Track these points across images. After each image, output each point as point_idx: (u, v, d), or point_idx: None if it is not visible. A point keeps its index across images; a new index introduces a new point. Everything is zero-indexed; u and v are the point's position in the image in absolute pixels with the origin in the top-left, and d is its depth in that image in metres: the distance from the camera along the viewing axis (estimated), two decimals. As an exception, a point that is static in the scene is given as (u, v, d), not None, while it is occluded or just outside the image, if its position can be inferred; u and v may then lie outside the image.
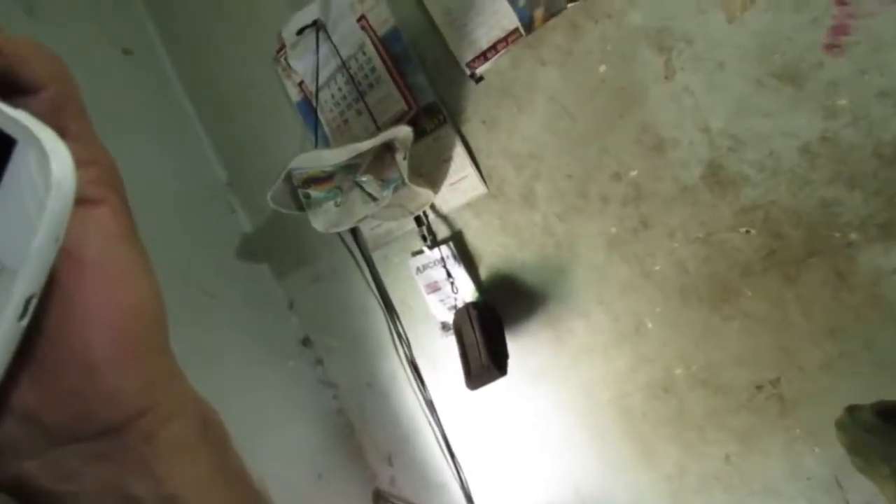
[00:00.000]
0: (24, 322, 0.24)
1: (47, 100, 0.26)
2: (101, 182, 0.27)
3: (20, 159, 0.23)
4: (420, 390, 1.62)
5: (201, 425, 0.31)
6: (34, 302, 0.24)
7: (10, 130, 0.23)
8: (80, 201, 0.25)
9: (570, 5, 1.13)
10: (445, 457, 1.63)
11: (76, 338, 0.26)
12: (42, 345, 0.25)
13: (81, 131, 0.28)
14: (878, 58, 0.92)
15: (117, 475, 0.27)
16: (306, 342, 1.84)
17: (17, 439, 0.26)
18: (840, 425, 0.87)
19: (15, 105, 0.24)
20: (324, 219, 1.33)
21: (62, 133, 0.25)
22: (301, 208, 1.35)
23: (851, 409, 0.87)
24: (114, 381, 0.26)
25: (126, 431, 0.27)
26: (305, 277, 1.78)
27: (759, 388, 1.16)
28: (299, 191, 1.31)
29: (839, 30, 0.94)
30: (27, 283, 0.23)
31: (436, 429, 1.62)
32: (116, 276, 0.27)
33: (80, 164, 0.25)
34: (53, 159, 0.23)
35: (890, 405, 0.83)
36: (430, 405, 1.62)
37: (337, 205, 1.31)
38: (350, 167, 1.30)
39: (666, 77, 1.09)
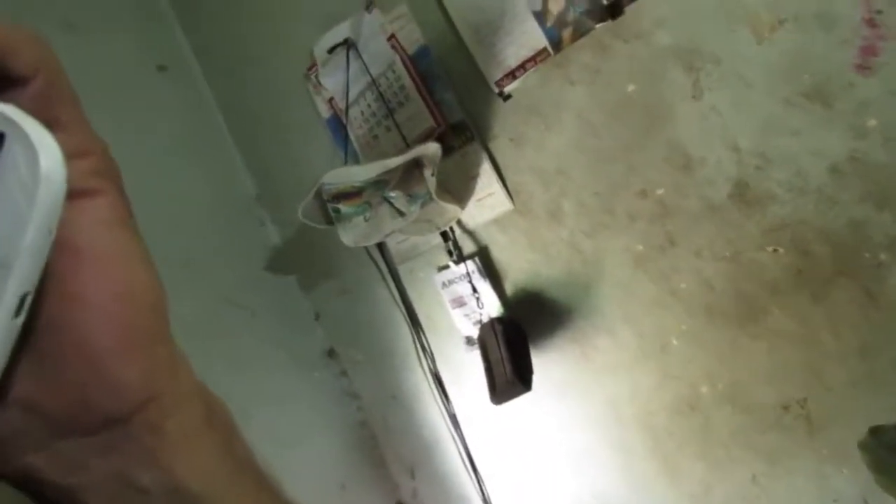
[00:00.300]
0: (20, 319, 0.24)
1: (36, 90, 0.25)
2: (95, 172, 0.27)
3: (8, 154, 0.23)
4: (443, 404, 1.63)
5: (206, 414, 0.31)
6: (29, 299, 0.24)
7: None
8: (76, 193, 0.25)
9: (598, 26, 1.15)
10: (468, 470, 1.63)
11: (76, 328, 0.25)
12: (42, 336, 0.25)
13: (73, 121, 0.27)
14: (907, 79, 0.92)
15: (124, 466, 0.27)
16: (331, 354, 1.86)
17: (22, 432, 0.26)
18: (863, 446, 0.87)
19: (3, 97, 0.24)
20: (353, 233, 1.35)
21: (53, 123, 0.25)
22: (330, 222, 1.37)
23: (875, 430, 0.87)
24: (116, 372, 0.26)
25: (131, 422, 0.27)
26: (332, 290, 1.80)
27: (786, 407, 1.15)
28: (329, 205, 1.34)
29: (869, 50, 0.94)
30: (20, 279, 0.23)
31: (458, 442, 1.63)
32: (114, 265, 0.27)
33: (73, 154, 0.25)
34: (42, 153, 0.23)
35: None
36: (454, 419, 1.63)
37: (366, 220, 1.33)
38: (379, 183, 1.32)
39: (694, 96, 1.10)
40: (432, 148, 1.29)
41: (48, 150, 0.23)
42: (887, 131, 0.96)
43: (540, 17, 1.20)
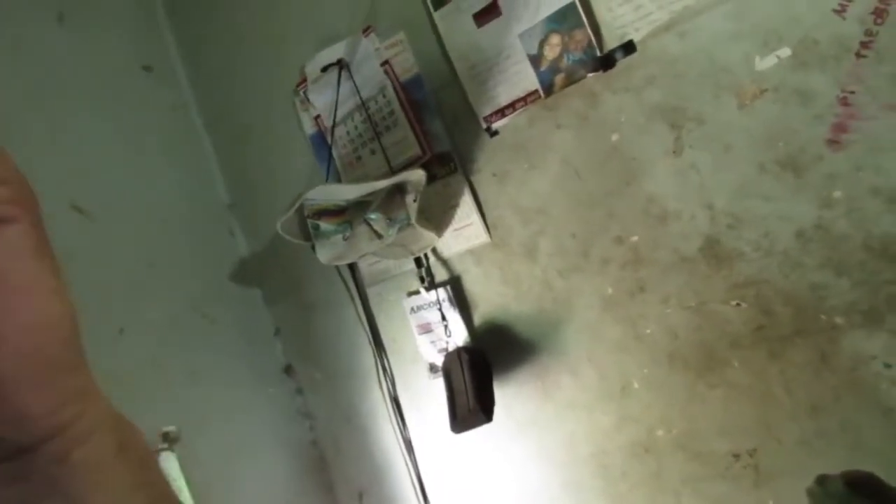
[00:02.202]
0: None
1: None
2: (10, 201, 0.27)
3: None
4: (400, 429, 1.63)
5: (118, 445, 0.30)
6: None
7: None
8: None
9: (590, 75, 1.20)
10: (418, 498, 1.63)
11: None
12: None
13: None
14: (874, 157, 0.99)
15: (29, 496, 0.27)
16: (288, 370, 1.84)
17: None
18: (811, 493, 0.91)
19: None
20: (330, 251, 1.36)
21: None
22: (308, 238, 1.38)
23: (822, 479, 0.90)
24: (21, 403, 0.26)
25: (37, 453, 0.27)
26: (296, 306, 1.79)
27: (736, 456, 1.20)
28: (309, 221, 1.34)
29: (840, 127, 1.01)
30: None
31: (411, 468, 1.63)
32: (23, 294, 0.26)
33: None
34: None
35: (859, 476, 0.86)
36: (409, 444, 1.62)
37: (345, 238, 1.34)
38: (362, 204, 1.34)
39: (675, 152, 1.16)
40: (417, 174, 1.31)
41: None
42: (851, 203, 1.03)
43: (535, 60, 1.24)
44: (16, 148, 0.28)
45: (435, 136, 1.40)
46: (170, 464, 1.43)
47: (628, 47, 1.16)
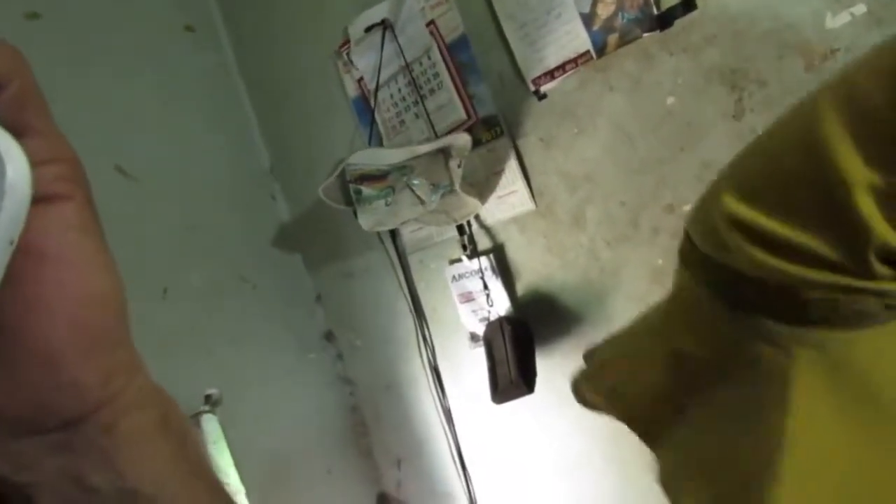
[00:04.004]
0: None
1: (9, 97, 0.26)
2: (65, 178, 0.27)
3: None
4: (440, 398, 1.62)
5: (161, 418, 0.31)
6: None
7: None
8: (44, 198, 0.25)
9: (645, 35, 1.13)
10: (456, 467, 1.62)
11: (36, 331, 0.26)
12: (2, 340, 0.25)
13: (45, 127, 0.27)
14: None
15: (76, 466, 0.28)
16: (329, 336, 1.84)
17: None
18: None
19: None
20: (371, 217, 1.34)
21: (25, 130, 0.25)
22: (349, 203, 1.36)
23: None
24: (74, 373, 0.27)
25: (86, 423, 0.27)
26: (337, 272, 1.78)
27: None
28: (351, 186, 1.32)
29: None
30: None
31: (450, 438, 1.62)
32: (76, 269, 0.27)
33: (43, 161, 0.25)
34: (8, 162, 0.23)
35: None
36: (448, 413, 1.62)
37: (387, 204, 1.32)
38: (404, 168, 1.31)
39: (734, 116, 1.09)
40: (462, 139, 1.27)
41: (14, 160, 0.24)
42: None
43: (587, 19, 1.18)
44: (59, 110, 0.29)
45: (480, 100, 1.36)
46: (211, 426, 1.45)
47: (688, 4, 1.09)
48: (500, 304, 1.43)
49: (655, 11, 1.12)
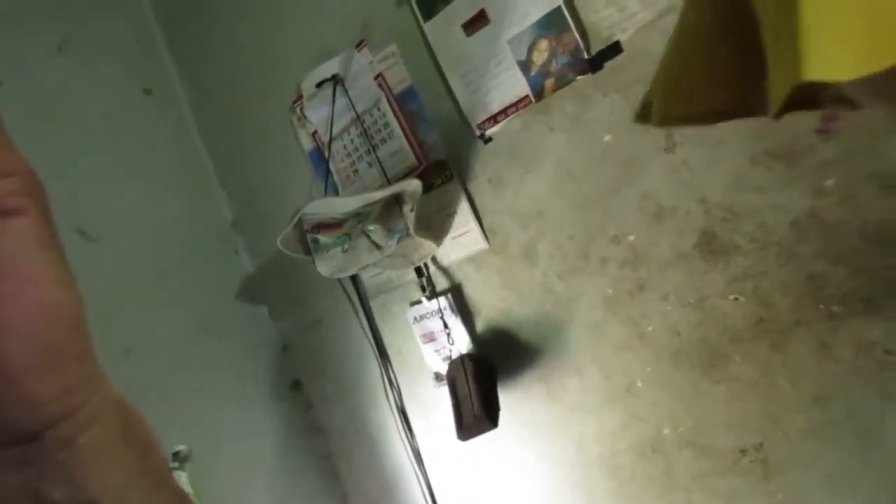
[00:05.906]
0: None
1: None
2: (19, 192, 0.27)
3: None
4: (408, 439, 1.63)
5: (122, 430, 0.31)
6: None
7: None
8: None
9: (579, 78, 1.21)
10: (430, 508, 1.63)
11: None
12: None
13: None
14: (865, 143, 0.99)
15: (36, 480, 0.27)
16: (297, 386, 1.85)
17: None
18: None
19: None
20: (330, 264, 1.37)
21: None
22: (308, 252, 1.39)
23: None
24: (30, 389, 0.26)
25: (43, 438, 0.27)
26: (302, 321, 1.80)
27: (743, 451, 1.19)
28: (308, 235, 1.36)
29: (830, 117, 1.01)
30: None
31: (421, 479, 1.63)
32: (32, 283, 0.27)
33: None
34: None
35: None
36: (417, 454, 1.63)
37: (344, 251, 1.35)
38: (359, 215, 1.35)
39: (666, 149, 1.16)
40: (413, 185, 1.32)
41: None
42: (843, 191, 1.03)
43: (524, 65, 1.26)
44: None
45: (430, 146, 1.42)
46: (182, 483, 1.44)
47: (615, 48, 1.17)
48: (461, 342, 1.47)
49: (586, 55, 1.19)
